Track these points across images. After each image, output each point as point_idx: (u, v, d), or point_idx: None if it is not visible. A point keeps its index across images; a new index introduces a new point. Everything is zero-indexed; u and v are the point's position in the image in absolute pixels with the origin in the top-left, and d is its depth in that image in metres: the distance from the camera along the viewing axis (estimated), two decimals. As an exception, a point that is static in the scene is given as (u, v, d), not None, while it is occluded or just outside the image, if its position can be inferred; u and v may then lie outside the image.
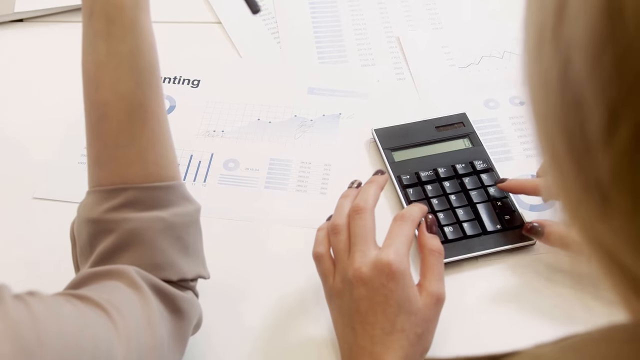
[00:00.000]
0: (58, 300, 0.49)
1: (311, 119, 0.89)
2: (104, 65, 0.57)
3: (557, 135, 0.30)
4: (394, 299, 0.60)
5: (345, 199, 0.68)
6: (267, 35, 1.01)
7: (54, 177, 0.83)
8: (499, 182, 0.76)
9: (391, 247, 0.62)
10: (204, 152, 0.85)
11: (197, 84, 0.94)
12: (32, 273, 0.75)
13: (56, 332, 0.45)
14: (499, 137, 0.87)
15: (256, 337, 0.69)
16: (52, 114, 0.90)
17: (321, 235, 0.67)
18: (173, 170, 0.60)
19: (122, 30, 0.57)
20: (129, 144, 0.58)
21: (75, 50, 0.97)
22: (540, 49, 0.29)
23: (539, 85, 0.31)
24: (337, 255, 0.65)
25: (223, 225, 0.78)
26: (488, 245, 0.74)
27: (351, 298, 0.62)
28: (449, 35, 1.01)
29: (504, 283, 0.73)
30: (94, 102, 0.58)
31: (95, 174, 0.59)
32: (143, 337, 0.52)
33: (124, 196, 0.57)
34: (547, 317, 0.70)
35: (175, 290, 0.57)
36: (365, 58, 0.98)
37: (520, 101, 0.91)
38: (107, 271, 0.55)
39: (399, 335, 0.60)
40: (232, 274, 0.74)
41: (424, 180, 0.79)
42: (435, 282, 0.62)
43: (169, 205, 0.58)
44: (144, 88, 0.58)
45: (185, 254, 0.59)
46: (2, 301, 0.44)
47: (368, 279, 0.61)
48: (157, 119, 0.59)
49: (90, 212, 0.58)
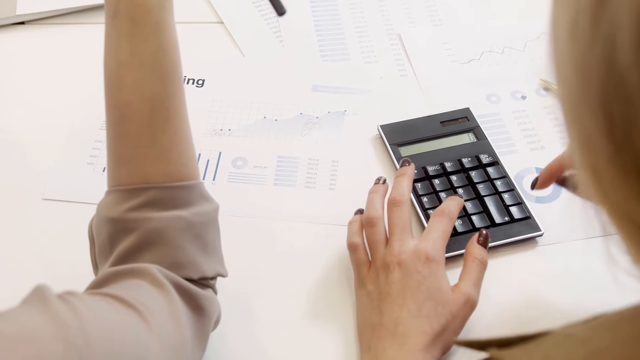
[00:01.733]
0: (97, 301, 0.49)
1: (317, 117, 0.90)
2: (127, 66, 0.58)
3: (592, 120, 0.30)
4: (425, 285, 0.63)
5: (376, 194, 0.72)
6: (269, 34, 1.02)
7: (62, 178, 0.83)
8: (533, 185, 0.74)
9: (429, 239, 0.66)
10: (212, 150, 0.86)
11: (202, 84, 0.94)
12: (45, 273, 0.75)
13: (101, 337, 0.45)
14: (502, 132, 0.88)
15: (269, 333, 0.70)
16: (57, 115, 0.91)
17: (355, 227, 0.71)
18: (193, 168, 0.61)
19: (147, 31, 0.57)
20: (151, 143, 0.58)
21: (78, 51, 0.99)
22: (575, 33, 0.30)
23: (572, 70, 0.31)
24: (373, 246, 0.69)
25: (233, 223, 0.79)
26: (497, 237, 0.75)
27: (385, 281, 0.65)
28: (449, 31, 1.02)
29: (513, 274, 0.74)
30: (116, 102, 0.58)
31: (115, 173, 0.60)
32: (172, 336, 0.52)
33: (145, 196, 0.57)
34: (557, 307, 0.71)
35: (196, 289, 0.58)
36: (367, 55, 0.99)
37: (522, 95, 0.92)
38: (129, 270, 0.56)
39: (423, 320, 0.62)
40: (244, 270, 0.75)
41: (431, 174, 0.80)
42: (470, 285, 0.65)
43: (190, 205, 0.59)
44: (167, 87, 0.58)
45: (205, 253, 0.60)
46: (48, 302, 0.45)
47: (405, 264, 0.64)
48: (179, 117, 0.59)
49: (110, 212, 0.58)
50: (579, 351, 0.34)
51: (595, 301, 0.70)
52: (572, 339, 0.36)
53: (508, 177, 0.80)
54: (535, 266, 0.74)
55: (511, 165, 0.82)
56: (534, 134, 0.88)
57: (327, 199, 0.81)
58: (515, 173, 0.82)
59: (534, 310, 0.71)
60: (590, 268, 0.73)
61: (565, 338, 0.37)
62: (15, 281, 0.73)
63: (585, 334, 0.36)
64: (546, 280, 0.73)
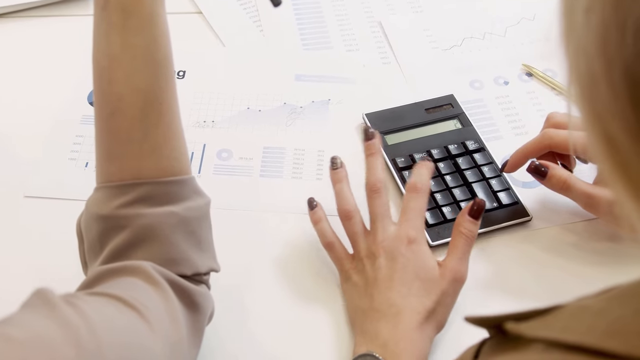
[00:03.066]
0: (102, 304, 0.49)
1: (301, 106, 0.89)
2: (118, 59, 0.56)
3: (613, 119, 0.30)
4: (411, 266, 0.64)
5: (342, 184, 0.71)
6: (249, 24, 1.01)
7: (44, 175, 0.81)
8: (503, 167, 0.76)
9: (408, 222, 0.67)
10: (196, 143, 0.85)
11: (182, 75, 0.93)
12: (30, 272, 0.73)
13: (112, 342, 0.45)
14: (486, 117, 0.88)
15: (262, 327, 0.69)
16: (37, 110, 0.89)
17: (323, 226, 0.70)
18: (186, 163, 0.60)
19: (139, 23, 0.56)
20: (143, 138, 0.57)
21: (56, 45, 0.97)
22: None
23: (587, 63, 0.31)
24: (354, 238, 0.68)
25: (221, 216, 0.77)
26: (486, 224, 0.75)
27: (372, 269, 0.65)
28: (429, 18, 1.02)
29: (503, 259, 0.74)
30: (107, 96, 0.57)
31: (105, 168, 0.58)
32: (170, 335, 0.52)
33: (137, 192, 0.56)
34: (547, 291, 0.71)
35: (190, 285, 0.57)
36: (349, 43, 0.99)
37: (504, 81, 0.93)
38: (122, 267, 0.55)
39: (414, 300, 0.63)
40: (234, 264, 0.74)
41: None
42: (457, 260, 0.65)
43: (182, 200, 0.58)
44: (160, 81, 0.57)
45: (199, 248, 0.59)
46: (54, 306, 0.44)
47: (389, 250, 0.65)
48: (172, 112, 0.58)
49: (101, 208, 0.57)
50: (599, 321, 0.34)
51: (584, 283, 0.71)
52: (588, 310, 0.36)
53: (495, 163, 0.80)
54: (525, 251, 0.74)
55: (497, 151, 0.82)
56: (518, 119, 0.88)
57: (314, 189, 0.80)
58: (502, 158, 0.82)
59: (524, 296, 0.71)
60: (579, 251, 0.73)
61: (581, 309, 0.37)
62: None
63: (601, 305, 0.36)
64: (536, 265, 0.73)
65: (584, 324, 0.35)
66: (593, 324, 0.35)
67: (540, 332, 0.37)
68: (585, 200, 0.70)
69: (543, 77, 0.92)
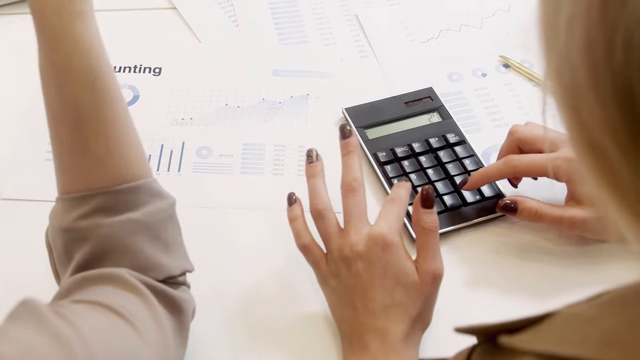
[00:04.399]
0: (91, 313, 0.48)
1: (279, 102, 0.89)
2: (48, 72, 0.55)
3: (600, 129, 0.30)
4: (390, 271, 0.61)
5: (315, 179, 0.68)
6: (224, 19, 1.00)
7: (20, 176, 0.80)
8: (462, 185, 0.76)
9: (383, 221, 0.63)
10: (175, 140, 0.84)
11: (158, 72, 0.92)
12: (8, 277, 0.72)
13: (105, 355, 0.44)
14: (466, 110, 0.88)
15: (244, 327, 0.69)
16: (9, 110, 0.87)
17: (299, 225, 0.67)
18: (140, 168, 0.58)
19: (51, 39, 0.54)
20: (84, 150, 0.55)
21: (24, 42, 0.94)
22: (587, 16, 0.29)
23: (572, 72, 0.30)
24: (327, 239, 0.65)
25: (202, 214, 0.77)
26: (470, 217, 0.75)
27: (349, 274, 0.62)
28: (405, 11, 1.02)
29: (487, 252, 0.74)
30: (47, 105, 0.56)
31: (60, 179, 0.58)
32: (158, 341, 0.51)
33: (92, 203, 0.55)
34: (533, 282, 0.72)
35: (168, 288, 0.56)
36: (326, 37, 0.98)
37: (482, 73, 0.93)
38: (99, 275, 0.54)
39: (398, 309, 0.61)
40: (216, 263, 0.73)
41: (400, 156, 0.80)
42: (430, 260, 0.63)
43: (140, 206, 0.56)
44: (88, 94, 0.55)
45: (167, 252, 0.58)
46: (43, 318, 0.43)
47: (364, 253, 0.62)
48: (110, 124, 0.56)
49: (61, 221, 0.56)
50: (593, 331, 0.34)
51: (571, 276, 0.72)
52: (579, 318, 0.36)
53: (476, 155, 0.80)
54: (509, 243, 0.75)
55: (478, 144, 0.82)
56: (497, 111, 0.88)
57: (296, 185, 0.79)
58: (482, 151, 0.82)
59: (511, 287, 0.72)
60: (562, 242, 0.74)
61: (573, 318, 0.37)
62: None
63: (592, 312, 0.36)
64: (520, 257, 0.74)
65: (577, 333, 0.35)
66: (587, 333, 0.34)
67: (534, 345, 0.36)
68: (559, 224, 0.70)
69: (520, 68, 0.93)
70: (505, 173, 0.74)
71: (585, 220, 0.69)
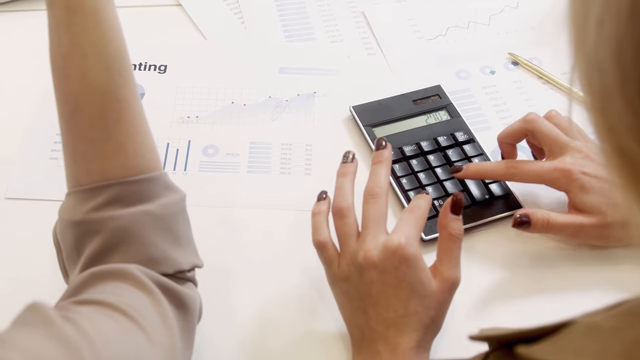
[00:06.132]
0: (99, 317, 0.47)
1: (286, 100, 0.88)
2: (70, 57, 0.54)
3: (628, 133, 0.29)
4: (407, 282, 0.59)
5: (345, 178, 0.66)
6: (230, 16, 0.99)
7: (25, 175, 0.79)
8: (454, 171, 0.74)
9: (401, 231, 0.61)
10: (181, 139, 0.83)
11: (164, 70, 0.91)
12: (12, 277, 0.71)
13: (111, 359, 0.43)
14: (474, 108, 0.87)
15: (250, 326, 0.68)
16: (14, 109, 0.86)
17: (320, 220, 0.65)
18: (155, 159, 0.58)
19: (84, 20, 0.54)
20: (106, 138, 0.55)
21: (31, 38, 0.94)
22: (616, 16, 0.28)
23: (600, 75, 0.30)
24: (343, 239, 0.63)
25: (209, 214, 0.77)
26: (479, 216, 0.74)
27: (361, 282, 0.61)
28: (413, 7, 1.01)
29: (496, 251, 0.74)
30: (64, 95, 0.55)
31: (73, 172, 0.57)
32: (165, 341, 0.51)
33: (107, 194, 0.54)
34: (544, 282, 0.71)
35: (178, 286, 0.56)
36: (332, 34, 0.97)
37: (491, 70, 0.92)
38: (108, 271, 0.53)
39: (412, 318, 0.60)
40: (223, 262, 0.73)
41: (408, 155, 0.79)
42: (452, 268, 0.62)
43: (155, 198, 0.56)
44: (114, 77, 0.55)
45: (178, 245, 0.57)
46: (52, 323, 0.42)
47: (379, 262, 0.60)
48: (132, 108, 0.56)
49: (73, 215, 0.55)
50: (614, 343, 0.33)
51: (579, 275, 0.71)
52: (599, 328, 0.35)
53: (485, 154, 0.79)
54: (519, 243, 0.74)
55: (487, 142, 0.81)
56: (506, 109, 0.87)
57: (303, 184, 0.79)
58: (492, 149, 0.81)
59: (520, 288, 0.71)
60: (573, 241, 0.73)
61: (592, 328, 0.36)
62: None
63: (612, 323, 0.35)
64: (530, 256, 0.73)
65: (596, 344, 0.34)
66: (606, 344, 0.34)
67: (553, 356, 0.36)
68: (571, 230, 0.69)
69: (529, 65, 0.92)
70: (501, 176, 0.74)
71: (591, 226, 0.68)
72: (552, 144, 0.71)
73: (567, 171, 0.69)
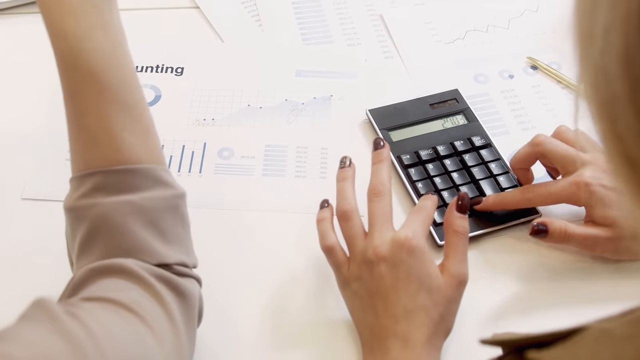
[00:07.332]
0: (104, 313, 0.47)
1: (302, 102, 0.88)
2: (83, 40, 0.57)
3: (636, 141, 0.29)
4: (415, 275, 0.60)
5: (345, 182, 0.68)
6: (247, 19, 0.99)
7: (41, 177, 0.79)
8: (474, 203, 0.74)
9: (408, 227, 0.63)
10: (197, 141, 0.83)
11: (180, 72, 0.91)
12: (27, 275, 0.72)
13: (116, 356, 0.43)
14: (492, 112, 0.86)
15: (263, 328, 0.68)
16: (32, 111, 0.87)
17: (326, 226, 0.66)
18: (144, 152, 0.57)
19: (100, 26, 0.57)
20: (91, 126, 0.56)
21: (40, 41, 0.94)
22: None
23: (608, 83, 0.29)
24: (351, 241, 0.65)
25: (223, 216, 0.77)
26: (495, 222, 0.74)
27: (371, 278, 0.62)
28: (431, 10, 1.00)
29: (513, 257, 0.73)
30: (71, 88, 0.57)
31: (71, 162, 0.59)
32: (171, 337, 0.51)
33: (91, 181, 0.55)
34: (560, 289, 0.70)
35: (175, 276, 0.56)
36: (350, 37, 0.97)
37: (509, 75, 0.91)
38: (106, 267, 0.53)
39: (421, 312, 0.60)
40: (237, 264, 0.73)
41: (424, 159, 0.78)
42: (458, 264, 0.62)
43: (139, 189, 0.56)
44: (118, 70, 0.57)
45: (162, 239, 0.56)
46: (56, 319, 0.42)
47: (388, 256, 0.61)
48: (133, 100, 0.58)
49: (67, 202, 0.57)
50: (627, 349, 0.33)
51: (595, 279, 0.70)
52: (612, 335, 0.35)
53: (502, 159, 0.79)
54: (535, 249, 0.73)
55: (504, 147, 0.80)
56: (525, 114, 0.86)
57: (319, 187, 0.79)
58: (509, 155, 0.80)
59: (537, 293, 0.70)
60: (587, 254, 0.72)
61: (605, 335, 0.35)
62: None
63: (625, 330, 0.34)
64: (546, 263, 0.72)
65: (609, 351, 0.34)
66: (619, 352, 0.33)
67: None
68: (589, 243, 0.68)
69: (548, 70, 0.91)
70: (520, 203, 0.73)
71: (608, 240, 0.67)
72: (564, 163, 0.71)
73: (585, 184, 0.67)
